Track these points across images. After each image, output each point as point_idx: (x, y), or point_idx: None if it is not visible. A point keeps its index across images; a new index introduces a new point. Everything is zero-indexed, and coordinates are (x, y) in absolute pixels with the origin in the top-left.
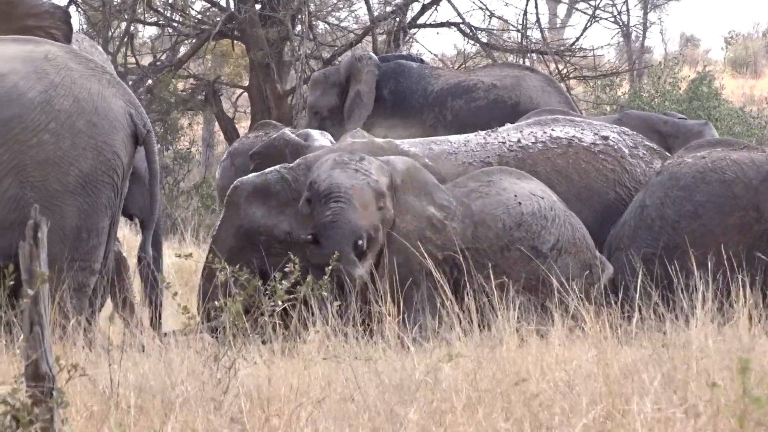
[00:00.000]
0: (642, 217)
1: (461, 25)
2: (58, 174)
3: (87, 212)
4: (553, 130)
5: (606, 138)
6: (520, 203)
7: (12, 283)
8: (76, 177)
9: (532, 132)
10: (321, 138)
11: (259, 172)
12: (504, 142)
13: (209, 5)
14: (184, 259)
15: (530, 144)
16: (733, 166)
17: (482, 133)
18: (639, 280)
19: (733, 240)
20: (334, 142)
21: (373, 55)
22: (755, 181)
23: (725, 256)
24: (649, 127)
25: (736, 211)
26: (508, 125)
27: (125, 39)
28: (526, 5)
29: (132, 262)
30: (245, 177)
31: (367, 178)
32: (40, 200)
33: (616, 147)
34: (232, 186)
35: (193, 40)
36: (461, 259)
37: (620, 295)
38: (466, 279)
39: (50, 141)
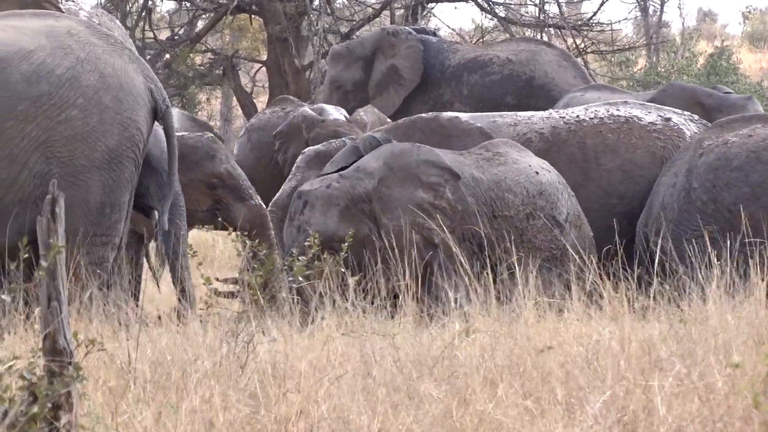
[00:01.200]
0: (690, 200)
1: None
2: (86, 149)
3: (111, 187)
4: (617, 110)
5: (668, 119)
6: (537, 173)
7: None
8: (103, 152)
9: (595, 110)
10: (335, 112)
11: None
12: (563, 117)
13: None
14: (205, 230)
15: (587, 119)
16: None
17: (550, 110)
18: (702, 261)
19: None
20: (348, 116)
21: (411, 29)
22: None
23: None
24: (693, 99)
25: None
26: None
27: (143, 13)
28: None
29: None
30: None
31: None
32: (66, 176)
33: (676, 128)
34: None
35: (211, 15)
36: (481, 232)
37: (669, 278)
38: (487, 251)
39: (78, 117)
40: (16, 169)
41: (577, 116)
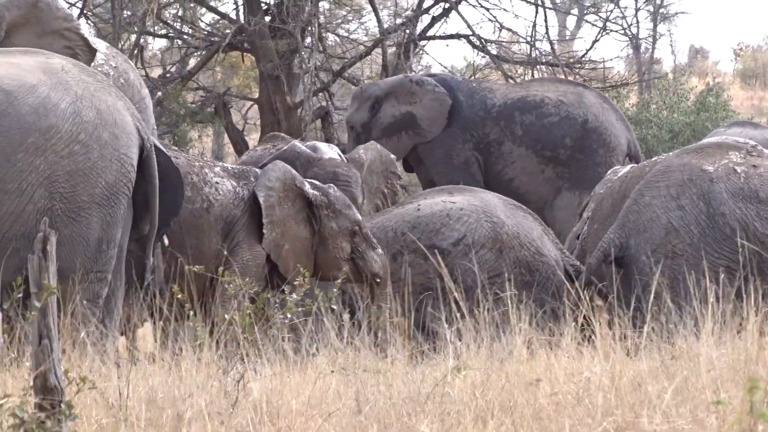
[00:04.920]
0: (717, 226)
1: (471, 37)
2: (87, 185)
3: (108, 223)
4: None
5: None
6: (418, 208)
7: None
8: (103, 188)
9: None
10: (329, 150)
11: None
12: None
13: (219, 17)
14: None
15: None
16: None
17: None
18: (726, 289)
19: None
20: (342, 155)
21: (436, 82)
22: None
23: None
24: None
25: None
26: None
27: (135, 51)
28: (536, 17)
29: None
30: None
31: None
32: (68, 212)
33: None
34: None
35: (203, 52)
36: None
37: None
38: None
39: (80, 152)
40: (23, 202)
41: None
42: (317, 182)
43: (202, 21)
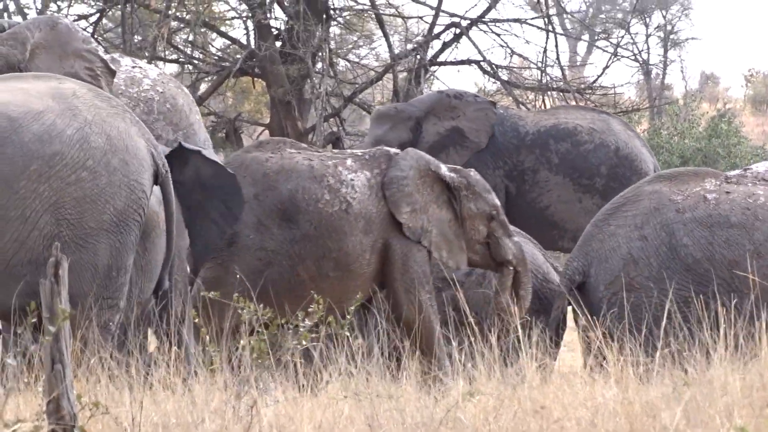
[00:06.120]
0: (678, 256)
1: (482, 63)
2: (94, 212)
3: (118, 250)
4: None
5: None
6: None
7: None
8: (111, 215)
9: None
10: None
11: None
12: None
13: (229, 42)
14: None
15: None
16: None
17: None
18: (676, 320)
19: None
20: None
21: (479, 97)
22: None
23: None
24: None
25: None
26: None
27: None
28: (546, 43)
29: None
30: None
31: None
32: (75, 238)
33: None
34: None
35: (214, 77)
36: None
37: (645, 331)
38: None
39: (88, 178)
40: (27, 229)
41: None
42: (456, 166)
43: (212, 46)
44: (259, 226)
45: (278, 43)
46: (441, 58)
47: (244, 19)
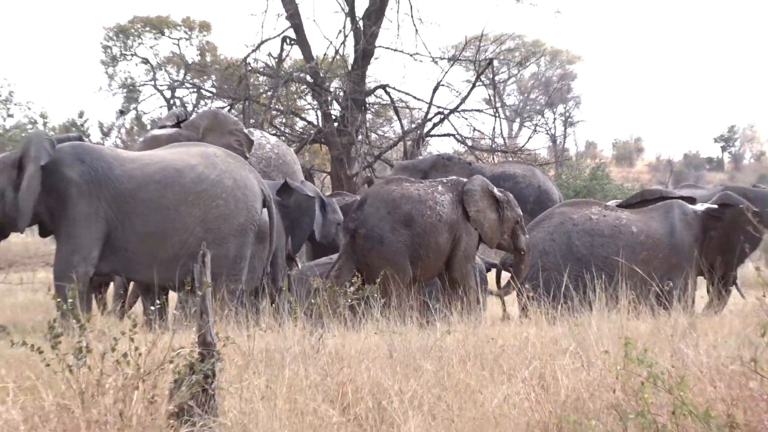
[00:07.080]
0: (572, 252)
1: (456, 135)
2: (227, 224)
3: (240, 247)
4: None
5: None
6: None
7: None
8: (237, 226)
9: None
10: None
11: None
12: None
13: (307, 123)
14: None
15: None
16: (633, 224)
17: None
18: (571, 288)
19: (644, 269)
20: None
21: (461, 158)
22: (657, 231)
23: (640, 276)
24: (742, 194)
25: (642, 250)
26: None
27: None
28: (495, 123)
29: None
30: None
31: None
32: (216, 239)
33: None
34: None
35: (298, 144)
36: None
37: (552, 296)
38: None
39: (222, 204)
40: (187, 235)
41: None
42: (502, 189)
43: (296, 125)
44: (393, 230)
45: (335, 124)
46: (432, 133)
47: (315, 109)
